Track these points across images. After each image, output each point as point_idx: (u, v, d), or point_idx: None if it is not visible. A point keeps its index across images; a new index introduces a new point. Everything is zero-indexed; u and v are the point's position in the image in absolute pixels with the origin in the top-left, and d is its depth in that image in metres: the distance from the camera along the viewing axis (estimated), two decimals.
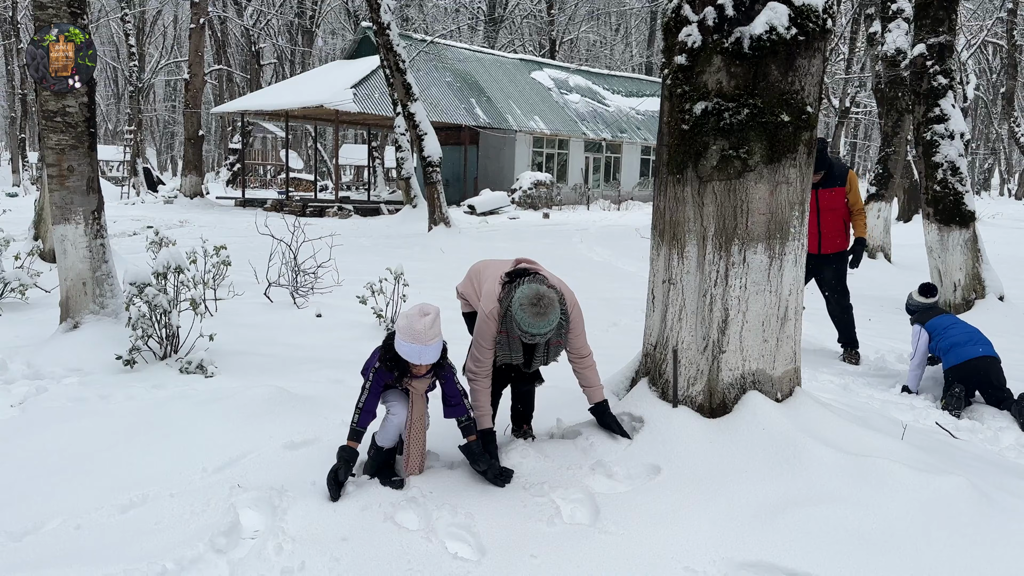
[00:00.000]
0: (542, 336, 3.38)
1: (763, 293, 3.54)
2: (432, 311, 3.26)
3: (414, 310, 3.26)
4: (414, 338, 3.21)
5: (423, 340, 3.21)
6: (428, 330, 3.21)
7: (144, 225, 16.92)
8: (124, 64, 43.13)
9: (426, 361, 3.28)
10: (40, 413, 4.41)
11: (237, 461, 3.74)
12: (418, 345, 3.22)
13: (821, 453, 3.21)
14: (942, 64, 8.45)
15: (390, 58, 16.00)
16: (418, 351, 3.23)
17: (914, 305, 5.82)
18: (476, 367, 3.61)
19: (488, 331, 3.57)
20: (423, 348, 3.22)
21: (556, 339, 3.56)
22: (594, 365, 3.77)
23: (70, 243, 5.59)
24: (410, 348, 3.24)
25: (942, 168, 8.48)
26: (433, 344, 3.24)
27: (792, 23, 3.41)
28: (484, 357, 3.60)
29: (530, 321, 3.33)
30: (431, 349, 3.25)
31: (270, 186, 42.74)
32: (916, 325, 5.61)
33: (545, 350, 3.64)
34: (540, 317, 3.32)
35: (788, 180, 3.52)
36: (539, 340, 3.43)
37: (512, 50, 44.44)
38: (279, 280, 8.06)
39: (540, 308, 3.33)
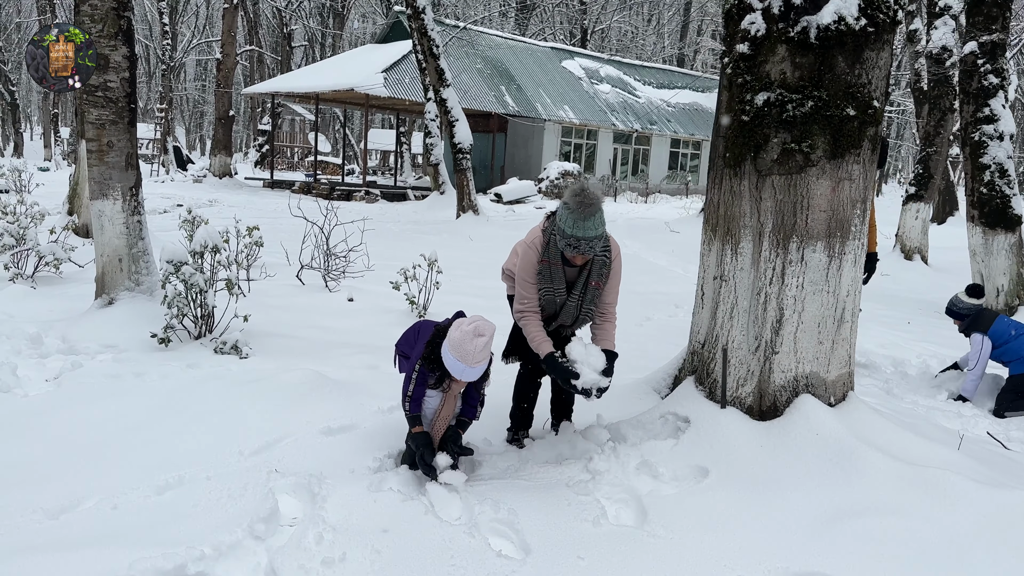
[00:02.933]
0: (587, 243, 3.31)
1: (820, 293, 3.42)
2: (487, 332, 3.17)
3: (470, 327, 3.16)
4: (462, 357, 3.14)
5: (470, 361, 3.14)
6: (478, 352, 3.13)
7: (174, 203, 16.99)
8: (156, 43, 43.35)
9: (467, 379, 3.22)
10: (75, 389, 4.40)
11: (274, 445, 3.69)
12: (463, 365, 3.14)
13: (878, 461, 3.09)
14: (994, 63, 8.22)
15: (424, 43, 15.89)
16: (461, 369, 3.16)
17: (964, 308, 5.62)
18: (523, 305, 3.58)
19: (530, 262, 3.54)
20: (467, 368, 3.15)
21: (596, 279, 3.52)
22: (615, 328, 3.66)
23: (107, 219, 5.57)
24: (455, 364, 3.16)
25: (989, 170, 8.26)
26: (478, 367, 3.17)
27: (862, 13, 3.27)
28: (529, 293, 3.56)
29: (575, 220, 3.28)
30: (475, 371, 3.18)
31: (297, 168, 42.86)
32: (978, 334, 5.40)
33: (583, 289, 3.54)
34: (586, 210, 3.28)
35: (851, 176, 3.39)
36: (583, 250, 3.34)
37: (543, 38, 44.10)
38: (311, 263, 8.02)
39: (586, 199, 3.29)
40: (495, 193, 23.48)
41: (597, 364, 3.36)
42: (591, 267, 3.55)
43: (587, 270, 3.55)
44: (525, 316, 3.57)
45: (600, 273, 3.55)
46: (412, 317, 6.65)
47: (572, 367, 3.35)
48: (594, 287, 3.56)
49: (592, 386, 3.31)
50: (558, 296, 3.57)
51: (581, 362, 3.35)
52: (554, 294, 3.56)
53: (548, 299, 3.58)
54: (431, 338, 3.35)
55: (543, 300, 3.58)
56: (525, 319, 3.57)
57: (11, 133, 39.56)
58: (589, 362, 3.35)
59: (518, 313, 3.61)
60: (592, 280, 3.55)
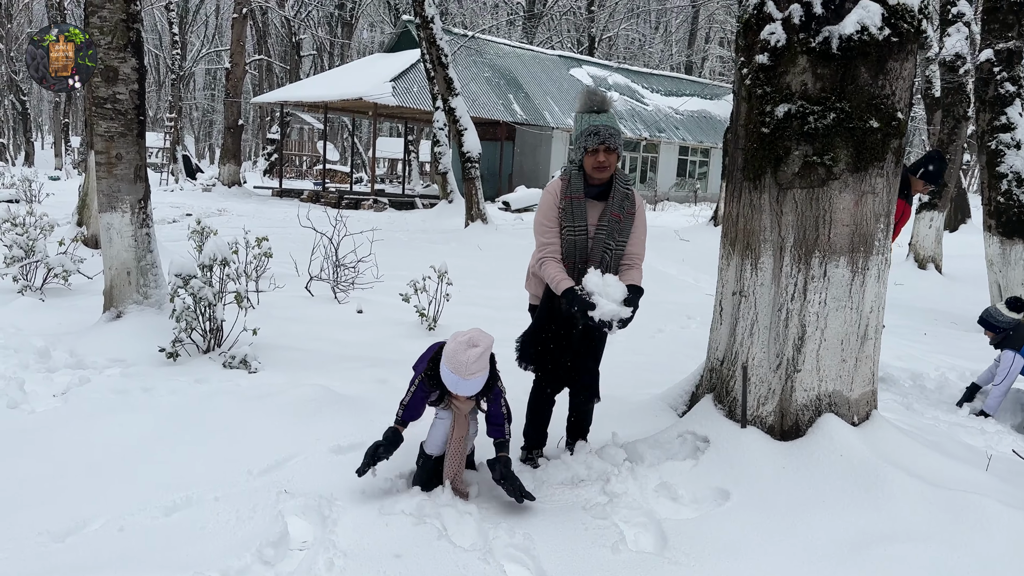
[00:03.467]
0: (607, 130, 3.36)
1: (843, 310, 3.33)
2: (483, 344, 3.08)
3: (464, 337, 3.09)
4: (456, 368, 3.05)
5: (464, 373, 3.04)
6: (472, 363, 3.04)
7: (183, 212, 17.00)
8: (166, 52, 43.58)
9: (463, 393, 3.13)
10: (82, 405, 4.34)
11: (283, 464, 3.62)
12: (457, 377, 3.06)
13: (905, 484, 2.99)
14: (1010, 70, 8.12)
15: (432, 52, 15.87)
16: (455, 382, 3.08)
17: (1003, 321, 5.44)
18: (542, 251, 3.51)
19: (549, 205, 3.52)
20: (461, 381, 3.06)
21: (616, 211, 3.47)
22: (641, 273, 3.56)
23: (116, 231, 5.52)
24: (450, 376, 3.09)
25: (1007, 179, 8.15)
26: (474, 379, 3.07)
27: (885, 23, 3.19)
28: (548, 238, 3.50)
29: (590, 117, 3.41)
30: (471, 384, 3.08)
31: (306, 176, 42.95)
32: (1010, 351, 5.26)
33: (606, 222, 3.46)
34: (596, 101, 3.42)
35: (874, 190, 3.30)
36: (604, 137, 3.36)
37: (550, 46, 44.16)
38: (320, 274, 7.96)
39: (594, 94, 3.44)
40: (503, 201, 23.43)
41: (616, 294, 3.24)
42: (612, 197, 3.50)
43: (610, 200, 3.49)
44: (544, 261, 3.49)
45: (622, 206, 3.49)
46: (422, 329, 6.58)
47: (589, 299, 3.24)
48: (615, 219, 3.48)
49: (612, 317, 3.19)
50: (579, 234, 3.47)
51: (599, 293, 3.23)
52: (575, 232, 3.47)
53: (569, 239, 3.47)
54: (433, 354, 3.27)
55: (565, 241, 3.48)
56: (544, 264, 3.48)
57: (22, 142, 39.77)
58: (607, 292, 3.23)
59: (538, 261, 3.53)
60: (613, 211, 3.47)
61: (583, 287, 3.29)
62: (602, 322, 3.21)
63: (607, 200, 3.51)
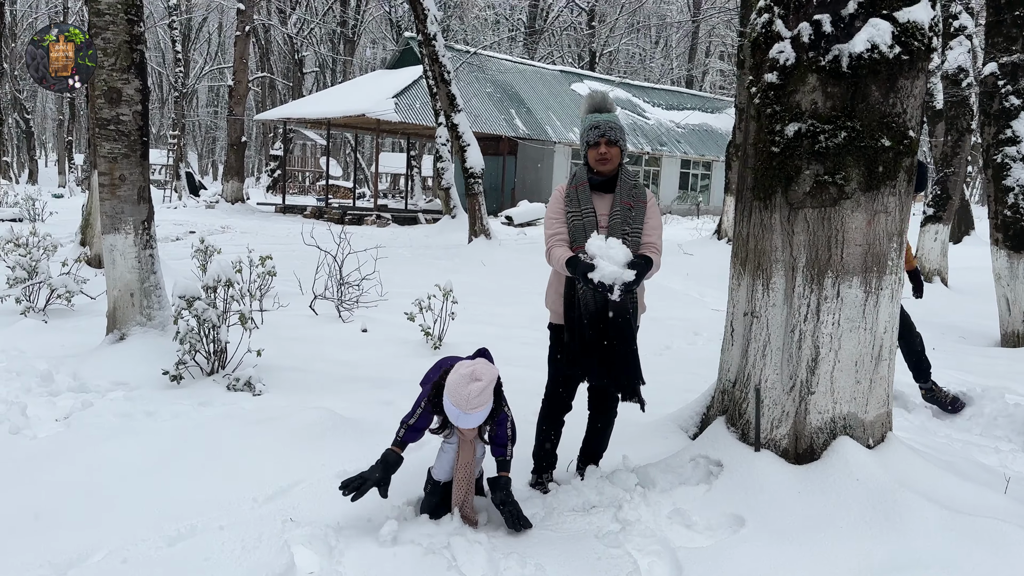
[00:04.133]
0: (607, 123, 3.44)
1: (857, 330, 3.28)
2: (486, 378, 3.01)
3: (467, 370, 3.03)
4: (457, 402, 3.00)
5: (465, 407, 2.99)
6: (474, 398, 2.99)
7: (187, 230, 17.01)
8: (169, 69, 43.78)
9: (465, 426, 3.09)
10: (85, 429, 4.29)
11: (288, 491, 3.57)
12: (459, 411, 3.01)
13: (924, 510, 2.93)
14: (1015, 83, 8.08)
15: (435, 69, 15.91)
16: (457, 415, 3.03)
17: None
18: (550, 241, 3.53)
19: (556, 200, 3.58)
20: (463, 415, 3.01)
21: (626, 199, 3.46)
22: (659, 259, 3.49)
23: (119, 253, 5.49)
24: (452, 410, 3.04)
25: (1013, 192, 8.10)
26: (476, 413, 3.02)
27: (896, 41, 3.16)
28: (556, 228, 3.51)
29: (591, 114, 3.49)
30: (473, 417, 3.03)
31: (309, 192, 43.03)
32: None
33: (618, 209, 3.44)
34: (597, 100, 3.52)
35: (887, 209, 3.26)
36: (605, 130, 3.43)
37: (551, 61, 44.32)
38: (325, 293, 7.92)
39: (597, 93, 3.55)
40: (506, 216, 23.43)
41: (618, 257, 3.16)
42: (619, 186, 3.50)
43: (617, 191, 3.49)
44: (552, 247, 3.51)
45: (631, 194, 3.49)
46: (427, 348, 6.53)
47: (591, 261, 3.18)
48: (626, 206, 3.46)
49: (613, 280, 3.10)
50: (587, 217, 3.45)
51: (600, 256, 3.16)
52: (582, 216, 3.46)
53: (577, 223, 3.45)
54: (438, 379, 3.21)
55: (572, 226, 3.47)
56: (551, 249, 3.50)
57: (26, 160, 39.93)
58: (609, 255, 3.16)
59: (547, 249, 3.54)
60: (623, 199, 3.47)
61: (586, 250, 3.24)
62: (602, 284, 3.12)
63: (614, 192, 3.52)
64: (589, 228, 3.42)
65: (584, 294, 3.37)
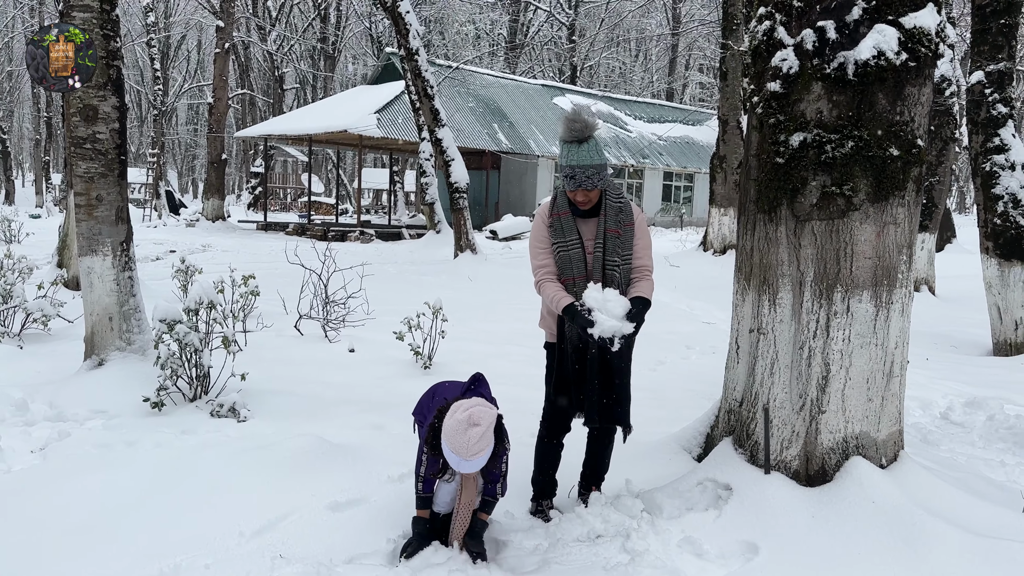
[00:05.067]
0: (582, 171, 3.24)
1: (868, 346, 3.17)
2: (484, 423, 2.87)
3: (464, 415, 2.87)
4: (456, 449, 2.86)
5: (466, 454, 2.85)
6: (474, 444, 2.85)
7: (167, 249, 16.75)
8: (148, 88, 43.45)
9: (466, 472, 2.96)
10: (62, 461, 4.09)
11: (277, 524, 3.39)
12: (459, 458, 2.87)
13: (944, 533, 2.81)
14: (1002, 92, 8.08)
15: (418, 84, 15.79)
16: (457, 462, 2.90)
17: None
18: (539, 274, 3.42)
19: (539, 227, 3.46)
20: (464, 462, 2.88)
21: (613, 226, 3.34)
22: (651, 285, 3.41)
23: (97, 276, 5.30)
24: (452, 457, 2.90)
25: (1003, 200, 8.07)
26: (477, 459, 2.88)
27: (902, 47, 3.06)
28: (542, 260, 3.41)
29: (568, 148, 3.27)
30: (474, 463, 2.90)
31: (290, 209, 42.76)
32: None
33: (603, 239, 3.34)
34: (575, 131, 3.25)
35: (896, 221, 3.16)
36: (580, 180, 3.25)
37: (532, 76, 44.42)
38: (310, 312, 7.74)
39: (575, 121, 3.26)
40: (490, 230, 23.32)
41: (616, 310, 3.11)
42: (605, 213, 3.38)
43: (602, 216, 3.38)
44: (542, 283, 3.39)
45: (617, 220, 3.37)
46: (417, 368, 6.37)
47: (589, 315, 3.11)
48: (614, 235, 3.35)
49: (613, 334, 3.05)
50: (572, 248, 3.35)
51: (598, 309, 3.11)
52: (568, 247, 3.36)
53: (563, 255, 3.36)
54: (433, 420, 3.04)
55: (558, 258, 3.37)
56: (542, 285, 3.39)
57: (2, 181, 39.40)
58: (607, 308, 3.11)
59: (536, 283, 3.42)
60: (609, 227, 3.36)
61: (583, 303, 3.17)
62: (603, 339, 3.07)
63: (599, 216, 3.41)
64: (575, 259, 3.36)
65: (571, 331, 3.33)
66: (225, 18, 26.42)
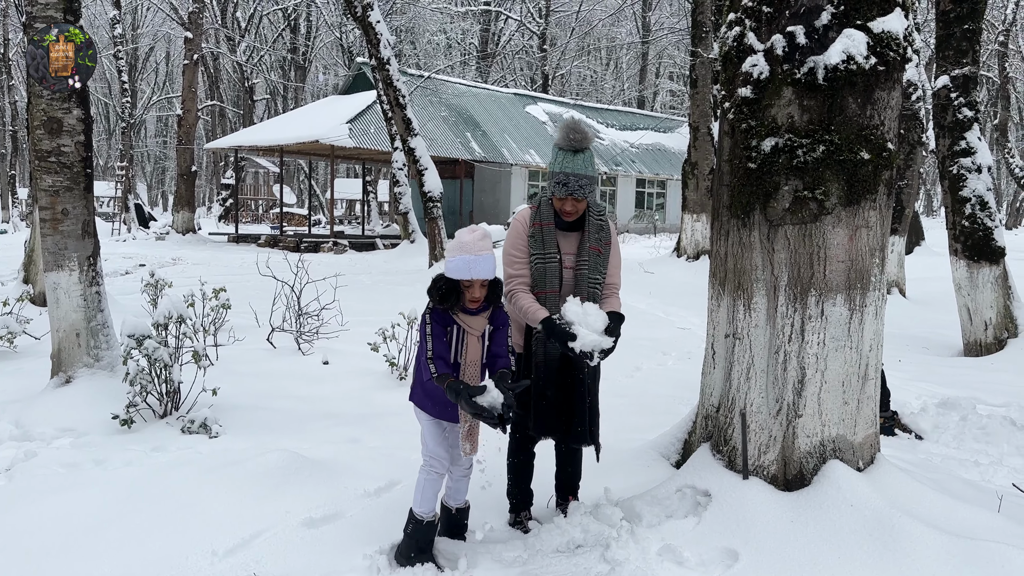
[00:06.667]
0: (576, 180, 3.23)
1: (843, 350, 3.18)
2: (479, 229, 3.06)
3: (460, 232, 3.04)
4: (463, 249, 2.98)
5: (473, 251, 2.97)
6: (478, 241, 3.00)
7: (136, 263, 16.51)
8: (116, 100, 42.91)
9: (477, 275, 2.97)
10: (29, 482, 3.98)
11: (251, 542, 3.32)
12: (468, 256, 2.96)
13: (923, 535, 2.81)
14: (967, 96, 8.21)
15: (390, 94, 15.73)
16: (468, 262, 2.95)
17: None
18: (511, 284, 3.38)
19: (518, 232, 3.41)
20: (473, 259, 2.96)
21: (594, 243, 3.35)
22: (619, 301, 3.47)
23: (63, 291, 5.19)
24: (460, 260, 2.97)
25: (970, 203, 8.20)
26: (484, 255, 2.98)
27: (871, 52, 3.09)
28: (517, 269, 3.37)
29: (565, 155, 3.26)
30: (482, 260, 2.97)
31: (262, 221, 42.40)
32: None
33: (585, 256, 3.34)
34: (575, 140, 3.26)
35: (868, 224, 3.17)
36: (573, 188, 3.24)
37: (504, 84, 44.52)
38: (283, 325, 7.64)
39: (576, 131, 3.28)
40: None
41: (596, 324, 3.11)
42: (587, 229, 3.37)
43: (585, 233, 3.37)
44: (514, 293, 3.34)
45: (598, 238, 3.38)
46: (392, 379, 6.30)
47: (569, 329, 3.09)
48: (595, 252, 3.36)
49: (593, 348, 3.06)
50: (549, 262, 3.33)
51: (578, 323, 3.10)
52: (545, 260, 3.34)
53: (540, 267, 3.34)
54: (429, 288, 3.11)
55: (535, 270, 3.34)
56: (515, 296, 3.34)
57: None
58: (587, 322, 3.11)
59: (507, 292, 3.36)
60: (592, 244, 3.36)
61: (562, 316, 3.15)
62: (583, 353, 3.06)
63: (581, 231, 3.40)
64: (552, 273, 3.34)
65: (537, 349, 3.32)
66: (194, 29, 26.18)
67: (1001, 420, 5.65)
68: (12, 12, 34.55)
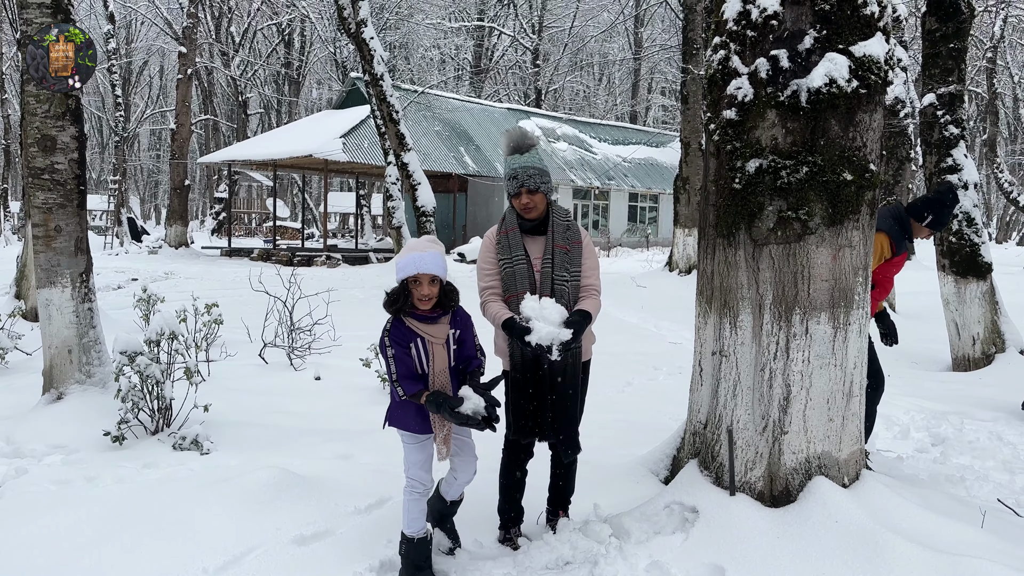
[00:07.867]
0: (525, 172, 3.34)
1: (828, 367, 3.22)
2: (427, 238, 3.23)
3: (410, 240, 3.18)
4: (410, 249, 3.11)
5: (419, 248, 3.09)
6: (425, 243, 3.14)
7: (129, 278, 16.49)
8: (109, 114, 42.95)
9: (425, 268, 3.04)
10: (19, 500, 3.99)
11: (241, 559, 3.34)
12: (415, 253, 3.06)
13: (907, 552, 2.85)
14: (953, 113, 8.31)
15: (383, 109, 15.83)
16: (414, 258, 3.05)
17: None
18: (484, 295, 3.46)
19: (487, 248, 3.51)
20: (420, 255, 3.06)
21: (561, 242, 3.42)
22: (598, 302, 3.47)
23: (55, 308, 5.21)
24: (407, 258, 3.07)
25: (957, 219, 8.28)
26: (430, 252, 3.09)
27: (853, 75, 3.15)
28: (488, 281, 3.45)
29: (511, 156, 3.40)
30: (428, 255, 3.06)
31: (256, 235, 42.37)
32: None
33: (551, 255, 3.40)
34: (516, 140, 3.40)
35: (851, 243, 3.23)
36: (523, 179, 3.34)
37: (498, 99, 44.74)
38: (275, 340, 7.66)
39: (514, 133, 3.43)
40: (458, 253, 23.31)
41: (553, 316, 3.15)
42: (553, 230, 3.44)
43: (550, 233, 3.44)
44: (486, 302, 3.43)
45: (565, 237, 3.44)
46: (384, 395, 6.32)
47: (527, 324, 3.15)
48: (561, 250, 3.41)
49: (550, 341, 3.08)
50: (517, 264, 3.39)
51: (535, 317, 3.15)
52: (513, 263, 3.40)
53: (508, 270, 3.41)
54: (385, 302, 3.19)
55: (504, 274, 3.42)
56: (486, 304, 3.42)
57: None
58: (543, 315, 3.15)
59: (480, 304, 3.45)
60: (558, 243, 3.42)
61: (521, 312, 3.21)
62: (540, 346, 3.10)
63: (546, 234, 3.47)
64: (521, 275, 3.39)
65: (514, 353, 3.37)
66: (188, 44, 26.28)
67: (988, 435, 5.71)
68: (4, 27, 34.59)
